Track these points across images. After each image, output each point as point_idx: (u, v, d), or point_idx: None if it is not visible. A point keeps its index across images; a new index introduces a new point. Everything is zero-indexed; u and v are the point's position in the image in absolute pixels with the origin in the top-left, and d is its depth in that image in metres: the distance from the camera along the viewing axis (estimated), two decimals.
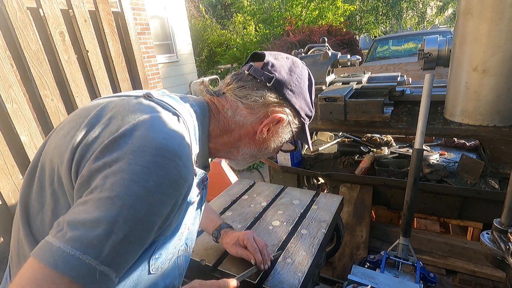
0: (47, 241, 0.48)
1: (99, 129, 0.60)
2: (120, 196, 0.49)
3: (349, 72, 2.49)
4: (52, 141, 0.65)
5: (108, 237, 0.48)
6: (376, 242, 1.84)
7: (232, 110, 0.75)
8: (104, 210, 0.48)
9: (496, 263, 0.95)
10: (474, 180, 1.53)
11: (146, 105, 0.64)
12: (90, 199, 0.50)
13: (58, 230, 0.49)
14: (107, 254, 0.48)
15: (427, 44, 1.58)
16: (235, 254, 1.00)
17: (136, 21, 5.51)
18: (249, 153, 0.80)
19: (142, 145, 0.54)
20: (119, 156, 0.53)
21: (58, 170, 0.59)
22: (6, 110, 1.82)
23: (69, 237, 0.47)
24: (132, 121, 0.58)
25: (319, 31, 8.61)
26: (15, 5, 1.82)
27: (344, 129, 1.87)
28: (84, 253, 0.46)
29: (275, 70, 0.74)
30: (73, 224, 0.48)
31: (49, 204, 0.60)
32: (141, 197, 0.51)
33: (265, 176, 4.49)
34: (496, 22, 1.00)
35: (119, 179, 0.50)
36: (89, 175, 0.53)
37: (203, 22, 13.02)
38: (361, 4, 14.07)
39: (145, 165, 0.52)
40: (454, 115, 1.27)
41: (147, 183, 0.51)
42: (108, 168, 0.52)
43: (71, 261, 0.45)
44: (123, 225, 0.49)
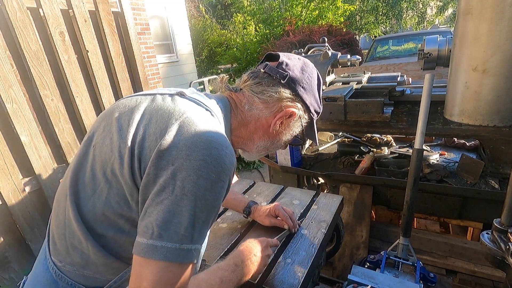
0: (148, 243, 0.58)
1: (147, 127, 0.67)
2: (192, 191, 0.59)
3: (349, 72, 2.49)
4: (104, 136, 0.71)
5: (193, 226, 0.59)
6: (376, 242, 1.84)
7: (249, 104, 0.82)
8: (183, 206, 0.58)
9: (496, 263, 0.95)
10: (474, 180, 1.53)
11: (183, 103, 0.71)
12: (166, 197, 0.59)
13: (151, 232, 0.58)
14: (196, 237, 0.60)
15: (427, 44, 1.58)
16: (269, 224, 1.15)
17: (136, 21, 5.51)
18: (263, 145, 0.88)
19: (194, 140, 0.62)
20: (177, 153, 0.61)
21: (112, 164, 0.66)
22: (6, 110, 1.83)
23: (167, 236, 0.57)
24: (177, 118, 0.66)
25: (319, 31, 8.60)
26: (15, 5, 1.82)
27: (344, 129, 1.87)
28: (181, 243, 0.58)
29: (289, 69, 0.82)
30: (163, 224, 0.58)
31: (102, 190, 0.67)
32: (208, 188, 0.60)
33: (265, 176, 4.49)
34: (496, 22, 1.00)
35: (185, 176, 0.59)
36: (155, 173, 0.61)
37: (203, 22, 13.02)
38: (361, 4, 14.08)
39: (203, 158, 0.60)
40: (454, 115, 1.27)
41: (209, 175, 0.60)
42: (172, 166, 0.60)
43: (176, 252, 0.58)
44: (200, 213, 0.60)
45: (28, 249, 2.03)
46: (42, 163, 2.03)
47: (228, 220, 1.28)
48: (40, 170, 2.02)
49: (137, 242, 0.60)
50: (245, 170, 4.77)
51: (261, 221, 1.18)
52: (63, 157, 2.19)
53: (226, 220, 1.29)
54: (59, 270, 0.72)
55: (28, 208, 1.99)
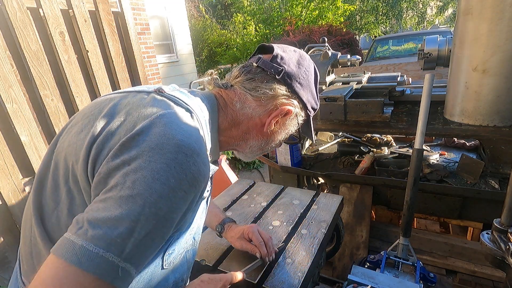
0: (68, 238, 0.48)
1: (114, 126, 0.60)
2: (142, 194, 0.50)
3: (349, 72, 2.48)
4: (66, 139, 0.64)
5: (130, 235, 0.49)
6: (376, 242, 1.84)
7: (240, 103, 0.75)
8: (127, 209, 0.49)
9: (496, 263, 0.95)
10: (474, 180, 1.53)
11: (159, 101, 0.64)
12: (111, 197, 0.50)
13: (78, 227, 0.49)
14: (129, 252, 0.49)
15: (427, 44, 1.58)
16: (240, 247, 1.00)
17: (136, 21, 5.51)
18: (257, 145, 0.81)
19: (161, 142, 0.54)
20: (138, 153, 0.53)
21: (73, 168, 0.59)
22: (6, 110, 1.83)
23: (92, 235, 0.47)
24: (148, 117, 0.58)
25: (319, 31, 8.60)
26: (15, 5, 1.82)
27: (344, 129, 1.87)
28: (107, 251, 0.47)
29: (284, 63, 0.75)
30: (95, 222, 0.48)
31: (64, 202, 0.60)
32: (163, 195, 0.51)
33: (265, 176, 4.49)
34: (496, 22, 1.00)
35: (140, 177, 0.51)
36: (107, 172, 0.53)
37: (203, 22, 13.01)
38: (361, 4, 14.08)
39: (166, 162, 0.52)
40: (454, 115, 1.27)
41: (169, 181, 0.52)
42: (127, 166, 0.52)
43: (95, 259, 0.46)
44: (145, 223, 0.50)
45: None
46: None
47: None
48: None
49: (60, 237, 0.50)
50: (245, 170, 4.77)
51: (232, 243, 1.04)
52: None
53: None
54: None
55: None
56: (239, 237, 1.01)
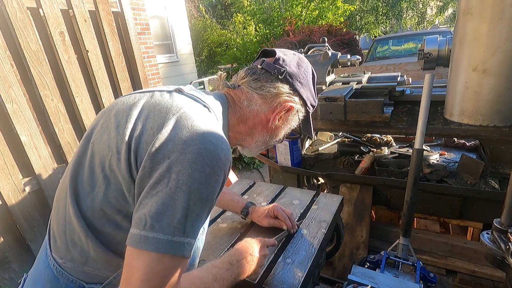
0: (141, 234, 0.58)
1: (145, 122, 0.67)
2: (186, 184, 0.59)
3: (349, 72, 2.48)
4: (102, 133, 0.72)
5: (186, 218, 0.59)
6: (376, 242, 1.84)
7: (247, 101, 0.83)
8: (177, 198, 0.59)
9: (496, 263, 0.95)
10: (474, 180, 1.53)
11: (180, 99, 0.72)
12: (161, 190, 0.59)
13: (144, 224, 0.58)
14: (189, 230, 0.60)
15: (427, 44, 1.58)
16: (268, 224, 1.15)
17: (136, 21, 5.51)
18: (262, 140, 0.89)
19: (190, 135, 0.63)
20: (173, 147, 0.61)
21: (109, 159, 0.67)
22: (6, 110, 1.82)
23: (159, 228, 0.58)
24: (175, 113, 0.67)
25: (319, 31, 8.60)
26: (15, 5, 1.82)
27: (344, 129, 1.87)
28: (173, 235, 0.58)
29: (286, 64, 0.84)
30: (156, 215, 0.58)
31: (100, 186, 0.68)
32: (203, 181, 0.61)
33: (265, 176, 4.49)
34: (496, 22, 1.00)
35: (181, 169, 0.59)
36: (151, 166, 0.61)
37: (203, 22, 13.01)
38: (361, 4, 14.08)
39: (198, 152, 0.61)
40: (454, 115, 1.27)
41: (204, 168, 0.61)
42: (168, 159, 0.60)
43: (167, 244, 0.58)
44: (194, 207, 0.60)
45: (28, 249, 2.03)
46: (42, 163, 2.03)
47: (228, 220, 1.28)
48: (40, 170, 2.02)
49: (130, 233, 0.60)
50: (245, 170, 4.77)
51: (259, 222, 1.18)
52: (63, 157, 2.19)
53: (226, 220, 1.29)
54: (59, 267, 0.73)
55: (28, 208, 1.99)
56: (265, 215, 1.16)
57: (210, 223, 1.28)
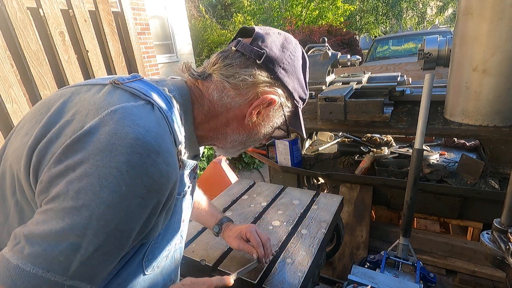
0: (4, 256, 0.43)
1: (61, 127, 0.52)
2: (88, 204, 0.44)
3: (349, 72, 2.48)
4: (12, 144, 0.58)
5: (76, 251, 0.43)
6: (376, 242, 1.84)
7: (218, 92, 0.66)
8: (70, 222, 0.43)
9: (496, 263, 0.94)
10: (474, 180, 1.53)
11: (114, 94, 0.57)
12: (52, 208, 0.45)
13: (15, 243, 0.44)
14: (76, 269, 0.44)
15: (427, 44, 1.58)
16: (237, 247, 0.97)
17: (136, 21, 5.51)
18: (238, 140, 0.73)
19: (111, 143, 0.47)
20: (84, 157, 0.46)
21: (18, 177, 0.53)
22: (6, 110, 1.83)
23: (28, 253, 0.42)
24: (98, 115, 0.51)
25: (319, 31, 8.61)
26: (15, 5, 1.82)
27: (344, 129, 1.87)
28: (48, 270, 0.42)
29: (265, 46, 0.66)
30: (32, 238, 0.43)
31: (14, 215, 0.54)
32: (113, 204, 0.45)
33: (265, 176, 4.49)
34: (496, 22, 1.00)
35: (85, 185, 0.44)
36: (49, 180, 0.47)
37: (203, 22, 13.01)
38: (361, 4, 14.08)
39: (116, 166, 0.46)
40: (454, 115, 1.27)
41: (119, 187, 0.45)
42: (72, 173, 0.46)
43: (32, 280, 0.41)
44: (93, 237, 0.44)
45: None
46: None
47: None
48: None
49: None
50: (245, 170, 4.77)
51: (229, 242, 1.00)
52: None
53: None
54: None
55: None
56: (236, 236, 0.97)
57: None
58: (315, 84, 1.85)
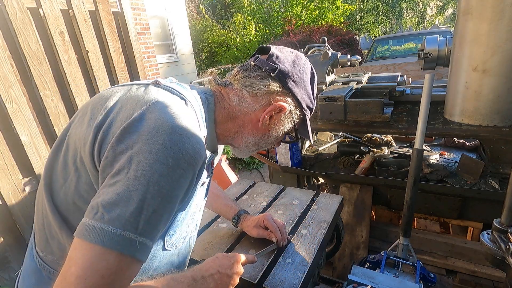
0: (88, 223, 0.53)
1: (116, 114, 0.65)
2: (145, 174, 0.55)
3: (349, 72, 2.48)
4: (78, 126, 0.70)
5: (141, 212, 0.54)
6: (376, 242, 1.84)
7: (237, 98, 0.79)
8: (133, 189, 0.54)
9: (496, 263, 0.95)
10: (474, 180, 1.53)
11: (155, 91, 0.70)
12: (119, 180, 0.55)
13: (94, 212, 0.54)
14: (142, 227, 0.55)
15: (427, 44, 1.58)
16: (256, 235, 1.09)
17: (136, 21, 5.51)
18: (252, 141, 0.84)
19: (157, 125, 0.59)
20: (137, 137, 0.58)
21: (80, 151, 0.65)
22: (6, 110, 1.82)
23: (109, 218, 0.52)
24: (144, 105, 0.64)
25: (319, 31, 8.60)
26: (15, 5, 1.82)
27: (344, 129, 1.87)
28: (124, 229, 0.53)
29: (279, 61, 0.79)
30: (108, 206, 0.53)
31: (72, 179, 0.66)
32: (164, 173, 0.56)
33: (265, 176, 4.49)
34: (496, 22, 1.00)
35: (142, 159, 0.56)
36: (114, 156, 0.58)
37: (203, 22, 13.01)
38: (361, 4, 14.08)
39: (162, 143, 0.57)
40: (454, 115, 1.27)
41: (167, 160, 0.57)
42: (130, 150, 0.57)
43: (115, 238, 0.52)
44: (151, 200, 0.55)
45: None
46: (42, 163, 2.03)
47: (228, 220, 1.28)
48: (40, 170, 2.02)
49: (80, 222, 0.55)
50: (245, 170, 4.77)
51: (248, 231, 1.13)
52: None
53: (226, 220, 1.29)
54: (41, 260, 0.73)
55: (28, 208, 1.99)
56: (255, 225, 1.10)
57: (210, 223, 1.28)
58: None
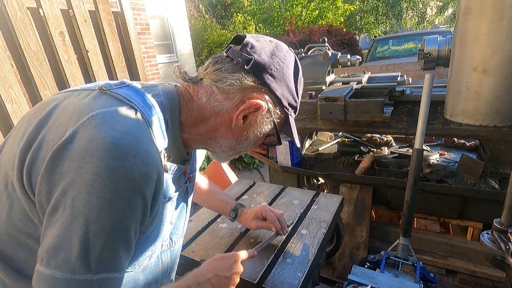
0: (38, 271, 0.50)
1: (48, 132, 0.56)
2: (82, 212, 0.49)
3: (349, 72, 2.49)
4: (10, 143, 0.61)
5: (87, 253, 0.49)
6: (376, 242, 1.84)
7: (206, 96, 0.68)
8: (73, 230, 0.49)
9: (496, 263, 0.95)
10: (474, 180, 1.53)
11: (99, 100, 0.59)
12: (57, 219, 0.50)
13: (41, 258, 0.50)
14: (96, 265, 0.50)
15: (427, 44, 1.58)
16: (255, 227, 1.09)
17: (136, 21, 5.51)
18: (228, 145, 0.74)
19: (90, 148, 0.50)
20: (69, 165, 0.50)
21: (10, 175, 0.57)
22: (6, 110, 1.82)
23: (55, 264, 0.49)
24: (79, 120, 0.54)
25: (319, 31, 8.61)
26: (15, 5, 1.82)
27: (344, 129, 1.87)
28: (74, 274, 0.49)
29: (254, 52, 0.68)
30: (51, 250, 0.49)
31: (4, 206, 0.59)
32: (103, 208, 0.50)
33: (265, 176, 4.49)
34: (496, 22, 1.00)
35: (76, 194, 0.49)
36: (47, 190, 0.51)
37: (203, 22, 13.00)
38: (361, 4, 14.08)
39: (97, 172, 0.49)
40: (454, 115, 1.27)
41: (104, 192, 0.49)
42: (63, 181, 0.50)
43: (68, 283, 0.48)
44: (96, 239, 0.50)
45: None
46: None
47: (228, 220, 1.28)
48: None
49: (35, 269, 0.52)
50: (245, 170, 4.77)
51: (247, 224, 1.12)
52: None
53: (226, 220, 1.29)
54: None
55: None
56: (253, 217, 1.09)
57: (211, 223, 1.28)
58: (315, 84, 1.85)
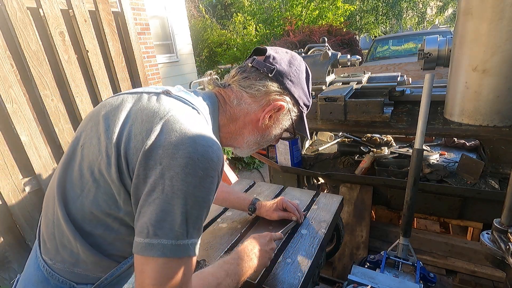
0: (145, 242, 0.60)
1: (132, 127, 0.67)
2: (181, 189, 0.60)
3: (349, 72, 2.48)
4: (91, 136, 0.71)
5: (186, 222, 0.61)
6: (376, 242, 1.84)
7: (237, 100, 0.83)
8: (174, 204, 0.60)
9: (496, 263, 0.95)
10: (474, 180, 1.53)
11: (168, 102, 0.71)
12: (157, 197, 0.60)
13: (146, 232, 0.60)
14: (191, 232, 0.62)
15: (427, 44, 1.58)
16: (277, 217, 1.19)
17: (136, 21, 5.51)
18: (253, 140, 0.88)
19: (179, 139, 0.63)
20: (164, 152, 0.61)
21: (99, 163, 0.67)
22: (6, 110, 1.83)
23: (162, 234, 0.60)
24: (162, 117, 0.66)
25: (319, 31, 8.60)
26: (15, 5, 1.82)
27: (344, 129, 1.86)
28: (177, 239, 0.60)
29: (276, 62, 0.82)
30: (156, 223, 0.60)
31: (90, 190, 0.68)
32: (197, 184, 0.62)
33: (265, 176, 4.49)
34: (496, 22, 1.00)
35: (173, 174, 0.60)
36: (145, 173, 0.62)
37: (203, 22, 13.00)
38: (361, 4, 14.08)
39: (189, 156, 0.61)
40: (454, 115, 1.27)
41: (197, 172, 0.61)
42: (160, 165, 0.61)
43: (173, 248, 0.60)
44: (192, 210, 0.62)
45: (28, 249, 2.03)
46: (42, 163, 2.03)
47: (228, 220, 1.28)
48: (40, 170, 2.02)
49: (135, 242, 0.62)
50: (245, 170, 4.77)
51: (268, 216, 1.21)
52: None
53: (226, 220, 1.29)
54: (50, 268, 0.74)
55: (28, 208, 1.99)
56: (274, 209, 1.20)
57: (210, 223, 1.28)
58: (315, 84, 1.85)
